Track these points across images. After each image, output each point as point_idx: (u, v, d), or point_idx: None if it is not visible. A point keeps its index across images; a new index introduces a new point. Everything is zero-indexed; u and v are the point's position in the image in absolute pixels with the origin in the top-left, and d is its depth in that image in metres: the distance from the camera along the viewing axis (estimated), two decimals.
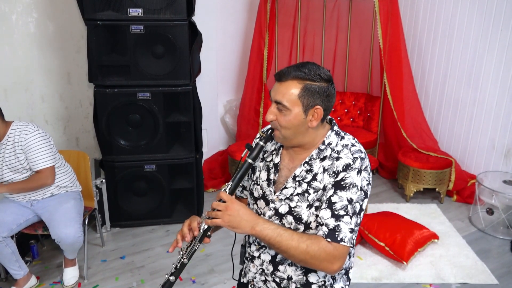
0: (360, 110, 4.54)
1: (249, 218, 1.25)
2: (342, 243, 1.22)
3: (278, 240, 1.23)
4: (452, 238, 3.32)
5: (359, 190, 1.25)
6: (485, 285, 2.82)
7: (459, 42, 3.92)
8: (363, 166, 1.26)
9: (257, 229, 1.24)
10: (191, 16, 3.15)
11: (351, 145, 1.31)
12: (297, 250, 1.22)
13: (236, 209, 1.25)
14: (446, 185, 3.87)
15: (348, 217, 1.23)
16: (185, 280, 2.84)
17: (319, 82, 1.27)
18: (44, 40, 3.44)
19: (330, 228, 1.22)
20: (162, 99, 3.13)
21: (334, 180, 1.25)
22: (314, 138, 1.33)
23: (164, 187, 3.34)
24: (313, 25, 4.48)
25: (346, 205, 1.23)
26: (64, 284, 2.72)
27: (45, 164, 2.53)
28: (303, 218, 1.30)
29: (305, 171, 1.32)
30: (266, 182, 1.40)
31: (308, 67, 1.28)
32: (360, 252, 3.12)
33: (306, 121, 1.29)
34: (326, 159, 1.29)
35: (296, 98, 1.26)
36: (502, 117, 3.70)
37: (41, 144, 2.52)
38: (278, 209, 1.34)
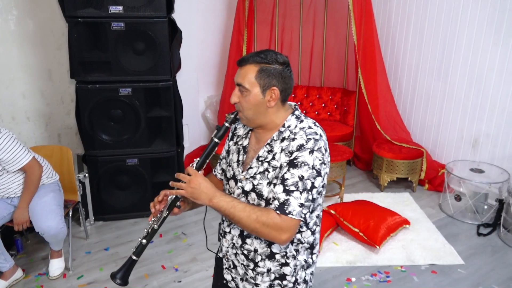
0: (336, 104, 4.70)
1: (208, 192, 1.37)
2: (290, 216, 1.33)
3: (231, 211, 1.36)
4: (423, 223, 3.50)
5: (311, 169, 1.35)
6: (452, 265, 3.00)
7: (429, 38, 4.11)
8: (316, 146, 1.37)
9: (214, 201, 1.37)
10: (170, 13, 3.23)
11: (308, 127, 1.42)
12: (248, 219, 1.34)
13: (199, 182, 1.38)
14: (418, 175, 4.05)
15: (298, 193, 1.34)
16: (168, 269, 2.94)
17: (275, 65, 1.39)
18: (24, 37, 3.48)
19: (280, 202, 1.34)
20: (143, 94, 3.21)
21: (289, 159, 1.37)
22: (275, 120, 1.44)
23: (147, 180, 3.42)
24: (291, 22, 4.62)
25: (297, 182, 1.34)
26: (49, 275, 2.80)
27: (26, 159, 2.59)
28: (264, 195, 1.41)
29: (266, 152, 1.43)
30: (236, 163, 1.52)
31: (265, 53, 1.40)
32: (336, 239, 3.27)
33: (264, 101, 1.40)
34: (285, 140, 1.41)
35: (254, 79, 1.38)
36: (469, 109, 3.90)
37: (12, 143, 2.55)
38: (244, 187, 1.46)
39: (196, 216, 3.55)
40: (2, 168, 2.59)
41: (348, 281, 2.84)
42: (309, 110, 4.74)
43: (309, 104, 4.74)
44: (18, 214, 2.61)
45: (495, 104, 3.69)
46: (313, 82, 4.86)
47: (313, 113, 4.73)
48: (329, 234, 3.26)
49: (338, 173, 3.67)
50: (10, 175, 2.65)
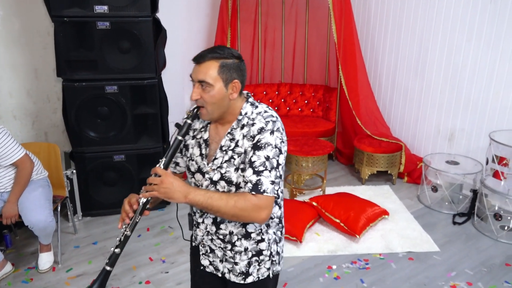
0: (319, 101, 4.83)
1: (181, 189, 1.41)
2: (265, 194, 1.42)
3: (209, 203, 1.41)
4: (401, 214, 3.65)
5: (274, 148, 1.43)
6: (428, 252, 3.15)
7: (406, 37, 4.26)
8: (275, 127, 1.46)
9: (190, 197, 1.41)
10: (155, 13, 3.32)
11: (264, 111, 1.51)
12: (227, 206, 1.40)
13: (170, 181, 1.40)
14: (397, 168, 4.21)
15: (267, 172, 1.43)
16: (156, 260, 3.03)
17: (233, 59, 1.46)
18: (10, 37, 3.53)
19: (253, 183, 1.41)
20: (129, 92, 3.29)
21: (252, 143, 1.46)
22: (233, 110, 1.52)
23: (133, 176, 3.50)
24: (273, 20, 4.73)
25: (264, 162, 1.42)
26: (39, 269, 2.86)
27: (18, 155, 2.68)
28: (233, 181, 1.49)
29: (229, 141, 1.51)
30: (199, 157, 1.58)
31: (221, 48, 1.48)
32: (318, 229, 3.39)
33: (227, 94, 1.47)
34: (245, 127, 1.50)
35: (217, 74, 1.44)
36: (445, 104, 4.06)
37: (6, 138, 2.63)
38: (212, 177, 1.52)
39: (182, 211, 3.62)
40: None
41: (329, 268, 2.97)
42: (293, 107, 4.87)
43: (292, 101, 4.86)
44: (7, 208, 2.67)
45: (469, 99, 3.85)
46: (296, 79, 4.98)
47: (297, 110, 4.85)
48: (311, 225, 3.38)
49: (320, 166, 3.79)
50: (2, 169, 2.71)
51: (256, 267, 1.62)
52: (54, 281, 2.81)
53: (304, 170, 3.79)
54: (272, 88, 4.85)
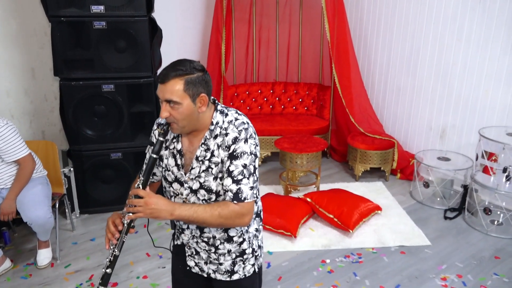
0: (313, 99, 4.90)
1: (167, 208, 1.44)
2: (246, 201, 1.50)
3: (195, 217, 1.47)
4: (394, 209, 3.72)
5: (250, 155, 1.50)
6: (419, 246, 3.22)
7: (398, 36, 4.34)
8: (248, 135, 1.51)
9: (176, 214, 1.45)
10: (150, 13, 3.37)
11: (235, 119, 1.54)
12: (212, 218, 1.48)
13: (155, 201, 1.44)
14: (390, 164, 4.28)
15: (246, 179, 1.49)
16: (153, 256, 3.09)
17: (196, 73, 1.47)
18: (7, 37, 3.56)
19: (234, 192, 1.48)
20: (125, 90, 3.34)
21: (228, 153, 1.52)
22: (204, 121, 1.53)
23: (130, 174, 3.55)
24: (268, 20, 4.80)
25: (242, 170, 1.49)
26: (37, 265, 2.90)
27: (22, 153, 2.75)
28: (213, 189, 1.55)
29: (204, 151, 1.54)
30: (175, 167, 1.61)
31: (183, 64, 1.47)
32: (312, 225, 3.46)
33: (196, 109, 1.48)
34: (218, 137, 1.54)
35: (183, 92, 1.44)
36: (436, 102, 4.14)
37: (13, 136, 2.71)
38: (191, 187, 1.57)
39: None
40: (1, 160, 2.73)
41: (323, 262, 3.03)
42: (287, 105, 4.93)
43: (287, 99, 4.93)
44: (5, 204, 2.72)
45: (459, 97, 3.93)
46: (291, 78, 5.04)
47: (291, 108, 4.92)
48: (305, 221, 3.44)
49: (314, 163, 3.86)
50: (4, 165, 2.77)
51: (242, 266, 1.68)
52: (53, 277, 2.86)
53: (299, 167, 3.85)
54: (267, 87, 4.92)
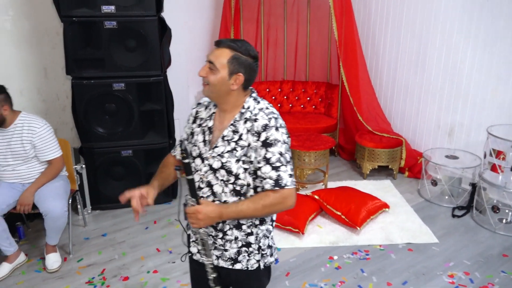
0: (321, 98, 4.92)
1: (215, 214, 1.54)
2: (286, 187, 1.54)
3: (241, 216, 1.57)
4: (402, 207, 3.73)
5: (283, 143, 1.54)
6: (427, 244, 3.23)
7: (406, 34, 4.35)
8: (278, 124, 1.55)
9: (224, 217, 1.56)
10: (160, 12, 3.42)
11: (265, 108, 1.58)
12: (257, 212, 1.54)
13: (203, 213, 1.54)
14: (398, 163, 4.29)
15: (284, 167, 1.52)
16: (163, 251, 3.14)
17: (246, 56, 1.55)
18: (20, 37, 3.64)
19: (274, 179, 1.51)
20: (135, 89, 3.40)
21: (260, 140, 1.54)
22: (236, 102, 1.60)
23: (141, 171, 3.61)
24: (275, 19, 4.83)
25: (279, 158, 1.52)
26: (48, 269, 2.92)
27: (56, 154, 2.90)
28: (233, 171, 1.57)
29: (231, 132, 1.58)
30: (202, 143, 1.66)
31: (242, 43, 1.57)
32: (320, 222, 3.49)
33: (228, 83, 1.55)
34: (247, 122, 1.58)
35: (225, 62, 1.54)
36: (445, 99, 4.14)
37: (50, 137, 2.87)
38: (212, 165, 1.60)
39: None
40: (34, 155, 2.85)
41: (331, 259, 3.06)
42: (295, 104, 4.96)
43: (295, 98, 4.96)
44: (25, 195, 2.80)
45: (467, 95, 3.93)
46: (299, 76, 5.07)
47: (299, 106, 4.95)
48: (313, 218, 3.47)
49: (322, 161, 3.89)
50: (37, 163, 2.90)
51: (246, 257, 1.69)
52: (66, 270, 2.93)
53: (307, 165, 3.88)
54: (275, 86, 4.95)
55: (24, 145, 2.82)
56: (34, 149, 2.85)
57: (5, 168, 2.88)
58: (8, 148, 2.82)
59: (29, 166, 2.90)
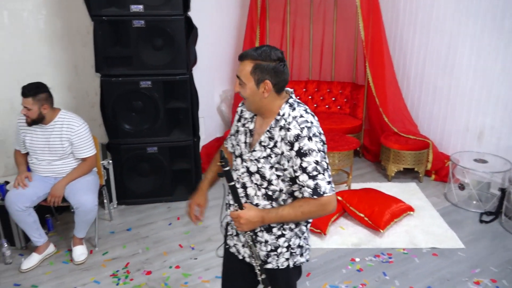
0: (346, 98, 4.87)
1: (257, 219, 1.61)
2: (325, 195, 1.55)
3: (282, 221, 1.64)
4: (427, 211, 3.66)
5: (318, 152, 1.54)
6: (452, 249, 3.16)
7: (435, 33, 4.25)
8: (311, 133, 1.54)
9: (266, 222, 1.64)
10: (187, 12, 3.47)
11: (299, 116, 1.58)
12: (297, 218, 1.61)
13: (246, 218, 1.61)
14: (424, 165, 4.20)
15: (321, 175, 1.54)
16: (185, 247, 3.18)
17: (268, 62, 1.55)
18: (53, 35, 3.76)
19: (312, 188, 1.54)
20: (162, 87, 3.45)
21: (294, 150, 1.54)
22: (272, 108, 1.62)
23: (165, 168, 3.67)
24: (302, 19, 4.81)
25: (316, 166, 1.53)
26: (75, 261, 3.01)
27: (91, 153, 3.03)
28: (266, 176, 1.62)
29: (268, 138, 1.62)
30: (243, 144, 1.72)
31: (261, 49, 1.57)
32: (342, 223, 3.46)
33: (259, 93, 1.58)
34: (282, 129, 1.60)
35: (249, 74, 1.57)
36: (474, 101, 4.03)
37: (87, 135, 3.00)
38: (249, 168, 1.66)
39: (211, 202, 3.76)
40: (70, 152, 2.97)
41: (352, 261, 3.03)
42: (320, 104, 4.93)
43: (319, 98, 4.93)
44: (56, 188, 2.90)
45: (498, 97, 3.81)
46: (324, 76, 5.04)
47: (324, 107, 4.92)
48: (335, 219, 3.44)
49: (346, 162, 3.85)
50: (72, 160, 3.01)
51: (275, 259, 1.73)
52: (92, 263, 3.01)
53: (330, 166, 3.84)
54: (300, 85, 4.93)
55: (62, 142, 2.92)
56: (71, 146, 2.95)
57: (41, 162, 2.98)
58: (46, 144, 2.93)
59: (64, 162, 3.00)
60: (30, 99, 2.80)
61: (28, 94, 2.80)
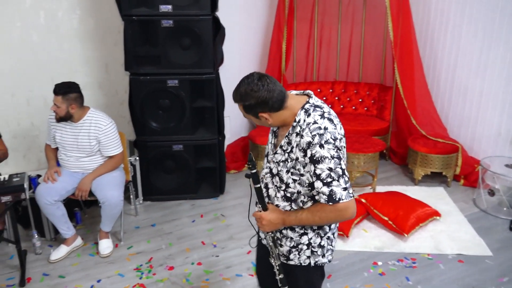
0: (374, 100, 4.81)
1: (278, 221, 1.68)
2: (341, 202, 1.55)
3: (301, 224, 1.68)
4: (454, 216, 3.57)
5: (332, 159, 1.53)
6: (479, 256, 3.07)
7: (467, 34, 4.13)
8: (323, 140, 1.53)
9: (286, 224, 1.70)
10: (214, 12, 3.50)
11: (313, 122, 1.57)
12: (315, 222, 1.64)
13: (268, 220, 1.69)
14: (453, 170, 4.10)
15: (336, 181, 1.53)
16: (208, 245, 3.23)
17: (249, 101, 1.57)
18: (85, 34, 3.88)
19: (327, 195, 1.54)
20: (188, 86, 3.51)
21: (307, 157, 1.55)
22: (286, 118, 1.64)
23: (190, 165, 3.72)
24: (330, 19, 4.78)
25: (329, 173, 1.53)
26: (100, 253, 3.10)
27: (118, 151, 3.11)
28: (284, 180, 1.66)
29: (286, 143, 1.65)
30: (270, 144, 1.78)
31: (239, 91, 1.59)
32: (366, 226, 3.42)
33: (263, 121, 1.65)
34: (298, 136, 1.61)
35: (245, 114, 1.64)
36: (507, 105, 3.89)
37: (114, 134, 3.09)
38: (272, 169, 1.71)
39: (234, 201, 3.82)
40: (97, 150, 3.07)
41: (375, 264, 2.99)
42: (347, 105, 4.88)
43: (346, 99, 4.88)
44: (83, 182, 3.01)
45: None
46: (351, 77, 4.98)
47: (351, 108, 4.87)
48: (359, 222, 3.41)
49: (371, 164, 3.80)
50: (99, 157, 3.11)
51: (296, 255, 1.76)
52: (117, 256, 3.10)
53: (355, 168, 3.82)
54: (326, 86, 4.90)
55: (90, 140, 3.02)
56: (98, 145, 3.04)
57: (69, 158, 3.09)
58: (75, 141, 3.03)
59: (91, 159, 3.09)
60: (60, 97, 2.90)
61: (59, 92, 2.91)
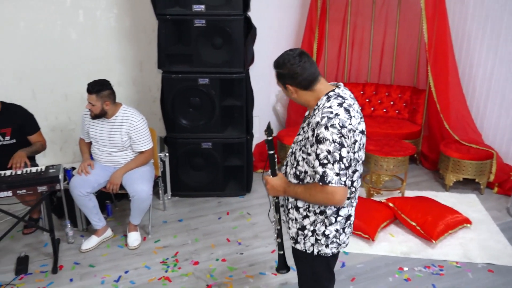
0: (406, 103, 4.72)
1: (280, 189, 1.83)
2: (330, 185, 1.62)
3: (296, 197, 1.80)
4: (486, 225, 3.46)
5: (333, 142, 1.61)
6: (511, 266, 2.96)
7: (505, 39, 4.00)
8: (329, 123, 1.61)
9: (286, 193, 1.84)
10: (246, 12, 3.54)
11: (328, 107, 1.67)
12: (307, 198, 1.75)
13: (271, 184, 1.84)
14: (486, 177, 3.97)
15: (330, 165, 1.61)
16: (232, 242, 3.27)
17: (283, 70, 1.73)
18: (121, 33, 4.00)
19: (320, 175, 1.64)
20: (219, 84, 3.56)
21: (314, 136, 1.66)
22: (310, 101, 1.77)
23: (219, 163, 3.78)
24: (363, 20, 4.72)
25: (327, 155, 1.61)
26: (129, 245, 3.20)
27: (148, 146, 3.21)
28: (296, 157, 1.80)
29: (306, 124, 1.78)
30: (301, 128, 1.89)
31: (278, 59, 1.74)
32: (393, 231, 3.37)
33: (289, 93, 1.78)
34: (313, 117, 1.72)
35: (277, 81, 1.79)
36: None
37: (145, 130, 3.19)
38: (293, 149, 1.85)
39: (260, 200, 3.85)
40: (129, 146, 3.18)
41: (400, 270, 2.95)
42: (377, 107, 4.82)
43: (377, 101, 4.82)
44: (115, 176, 3.11)
45: None
46: (383, 79, 4.91)
47: (381, 110, 4.79)
48: (385, 226, 3.36)
49: (400, 168, 3.74)
50: (131, 152, 3.21)
51: (302, 240, 1.84)
52: (144, 249, 3.18)
53: (384, 171, 3.77)
54: (357, 88, 4.85)
55: (122, 136, 3.11)
56: (129, 140, 3.13)
57: (102, 152, 3.20)
58: (107, 137, 3.14)
59: (123, 154, 3.19)
60: (94, 96, 3.00)
61: (92, 91, 3.01)
